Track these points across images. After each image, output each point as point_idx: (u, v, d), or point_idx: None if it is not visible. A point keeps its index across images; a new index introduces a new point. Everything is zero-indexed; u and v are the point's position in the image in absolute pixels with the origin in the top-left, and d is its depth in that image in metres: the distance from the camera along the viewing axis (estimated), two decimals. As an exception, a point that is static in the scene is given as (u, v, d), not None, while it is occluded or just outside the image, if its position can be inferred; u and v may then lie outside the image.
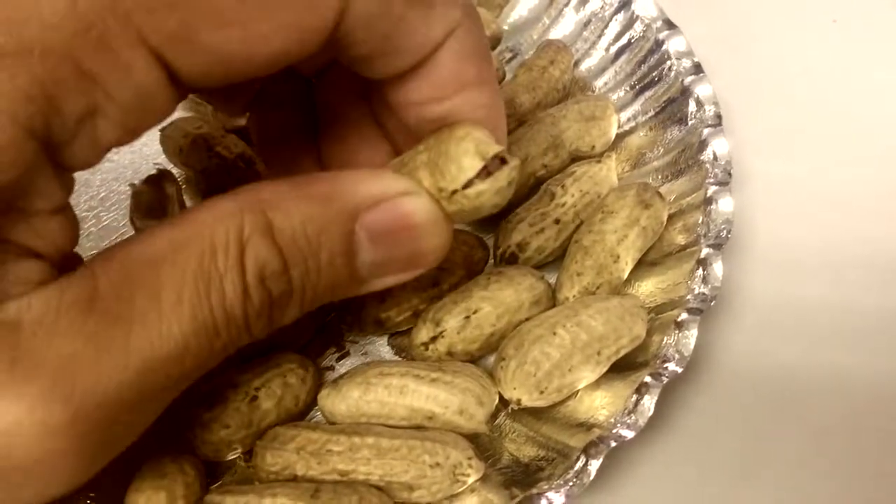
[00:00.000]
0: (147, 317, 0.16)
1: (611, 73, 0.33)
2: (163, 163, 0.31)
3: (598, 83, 0.33)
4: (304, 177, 0.19)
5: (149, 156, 0.32)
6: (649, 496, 0.25)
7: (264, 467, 0.23)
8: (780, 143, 0.33)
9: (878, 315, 0.28)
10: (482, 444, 0.24)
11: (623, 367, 0.24)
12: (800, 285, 0.29)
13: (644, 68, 0.32)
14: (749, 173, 0.31)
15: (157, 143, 0.30)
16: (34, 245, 0.15)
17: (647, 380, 0.23)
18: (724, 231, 0.26)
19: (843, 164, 0.32)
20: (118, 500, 0.22)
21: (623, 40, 0.33)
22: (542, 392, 0.23)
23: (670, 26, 0.31)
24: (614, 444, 0.22)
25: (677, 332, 0.24)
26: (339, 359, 0.27)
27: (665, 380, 0.23)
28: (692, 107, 0.29)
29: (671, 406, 0.26)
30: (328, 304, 0.26)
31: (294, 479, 0.22)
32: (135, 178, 0.29)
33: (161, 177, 0.28)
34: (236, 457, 0.24)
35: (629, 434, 0.22)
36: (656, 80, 0.31)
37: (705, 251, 0.25)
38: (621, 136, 0.31)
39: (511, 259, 0.27)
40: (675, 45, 0.31)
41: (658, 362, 0.23)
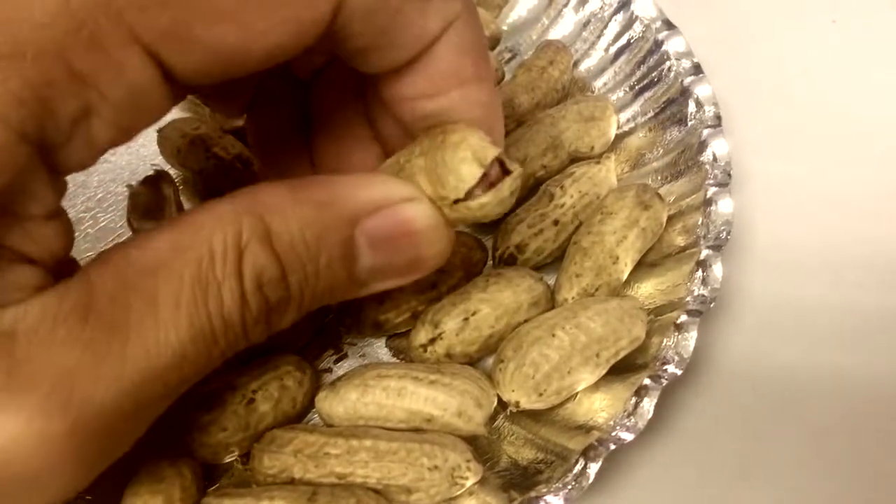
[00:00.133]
0: (144, 324, 0.16)
1: (610, 73, 0.33)
2: (160, 164, 0.30)
3: (598, 84, 0.33)
4: (302, 180, 0.19)
5: (146, 157, 0.32)
6: (649, 498, 0.25)
7: (262, 470, 0.23)
8: (779, 143, 0.33)
9: (877, 315, 0.28)
10: (481, 447, 0.24)
11: (622, 369, 0.24)
12: (799, 286, 0.29)
13: (643, 69, 0.32)
14: (749, 174, 0.31)
15: (155, 144, 0.30)
16: (28, 251, 0.15)
17: (647, 382, 0.23)
18: (724, 232, 0.26)
19: (842, 164, 0.32)
20: (115, 503, 0.22)
21: (622, 41, 0.33)
22: (540, 394, 0.23)
23: (670, 27, 0.31)
24: (613, 446, 0.22)
25: (677, 333, 0.24)
26: (337, 361, 0.27)
27: (664, 382, 0.23)
28: (692, 107, 0.29)
29: (670, 408, 0.26)
30: (326, 306, 0.27)
31: (291, 481, 0.22)
32: (132, 180, 0.29)
33: (158, 178, 0.28)
34: (233, 460, 0.24)
35: (628, 436, 0.22)
36: (656, 80, 0.31)
37: (705, 252, 0.25)
38: (620, 137, 0.31)
39: (510, 260, 0.27)
40: (674, 46, 0.31)
41: (657, 364, 0.23)
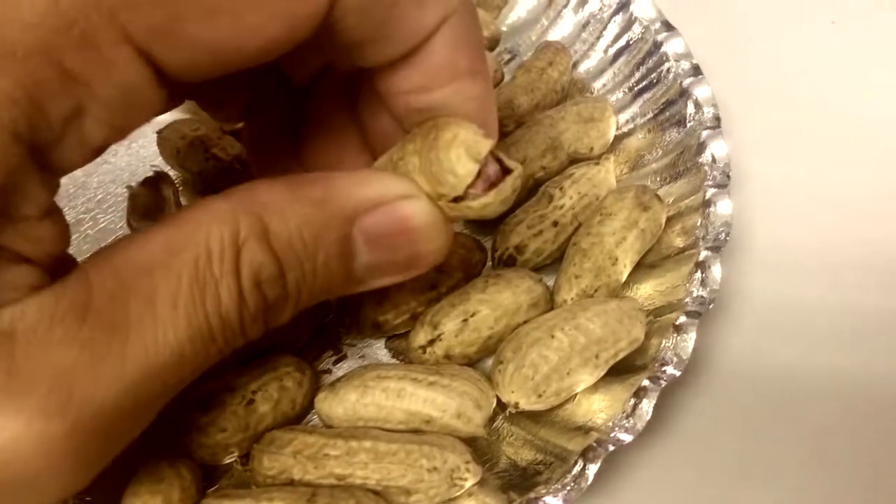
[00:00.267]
0: (142, 323, 0.16)
1: (609, 74, 0.33)
2: (160, 165, 0.31)
3: (597, 85, 0.33)
4: (299, 177, 0.19)
5: (146, 158, 0.32)
6: (648, 499, 0.25)
7: (261, 471, 0.23)
8: (778, 144, 0.33)
9: (876, 316, 0.28)
10: (480, 448, 0.24)
11: (621, 370, 0.24)
12: (798, 287, 0.29)
13: (642, 70, 0.32)
14: (748, 175, 0.31)
15: (154, 146, 0.30)
16: (23, 250, 0.15)
17: (646, 383, 0.23)
18: (723, 233, 0.26)
19: (841, 165, 0.32)
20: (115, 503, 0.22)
21: (621, 42, 0.33)
22: (540, 395, 0.23)
23: (669, 28, 0.31)
24: (612, 447, 0.22)
25: (676, 335, 0.24)
26: (337, 362, 0.27)
27: (663, 383, 0.23)
28: (691, 109, 0.29)
29: (670, 409, 0.26)
30: (326, 307, 0.27)
31: (291, 483, 0.22)
32: (132, 181, 0.29)
33: (158, 179, 0.28)
34: (233, 460, 0.24)
35: (627, 438, 0.22)
36: (655, 81, 0.31)
37: (704, 253, 0.25)
38: (620, 138, 0.31)
39: (509, 261, 0.27)
40: (673, 47, 0.31)
41: (656, 365, 0.23)
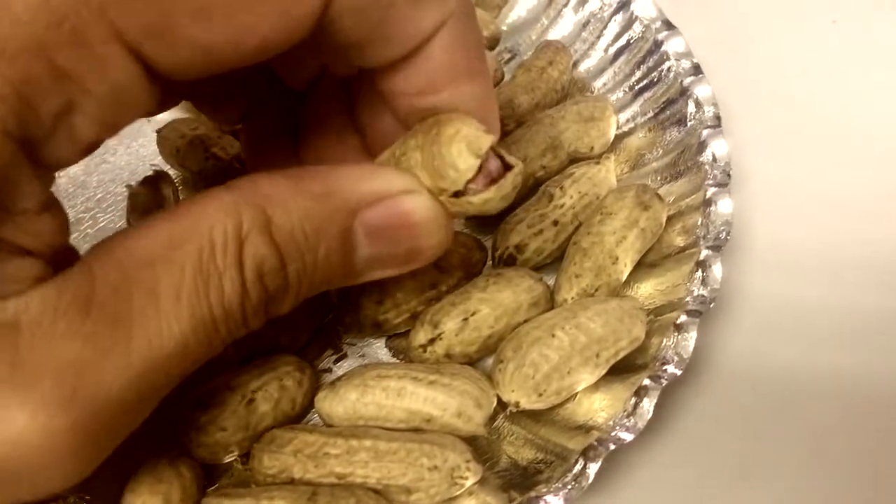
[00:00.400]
0: (146, 316, 0.16)
1: (609, 73, 0.33)
2: (159, 164, 0.31)
3: (597, 84, 0.33)
4: (302, 170, 0.19)
5: (145, 157, 0.32)
6: (648, 498, 0.25)
7: (261, 470, 0.23)
8: (779, 144, 0.33)
9: (877, 316, 0.28)
10: (480, 447, 0.24)
11: (622, 369, 0.24)
12: (799, 287, 0.29)
13: (643, 69, 0.32)
14: (748, 174, 0.31)
15: (154, 145, 0.30)
16: (24, 243, 0.15)
17: (646, 382, 0.22)
18: (724, 232, 0.26)
19: (842, 165, 0.32)
20: (115, 503, 0.22)
21: (622, 41, 0.32)
22: (540, 394, 0.23)
23: (669, 27, 0.31)
24: (613, 446, 0.21)
25: (676, 334, 0.24)
26: (337, 361, 0.27)
27: (664, 382, 0.23)
28: (691, 108, 0.29)
29: (670, 408, 0.26)
30: (326, 306, 0.27)
31: (291, 482, 0.22)
32: (131, 180, 0.29)
33: (158, 178, 0.28)
34: (233, 460, 0.24)
35: (628, 437, 0.22)
36: (655, 80, 0.31)
37: (704, 253, 0.25)
38: (620, 138, 0.31)
39: (509, 261, 0.27)
40: (674, 46, 0.31)
41: (657, 364, 0.23)
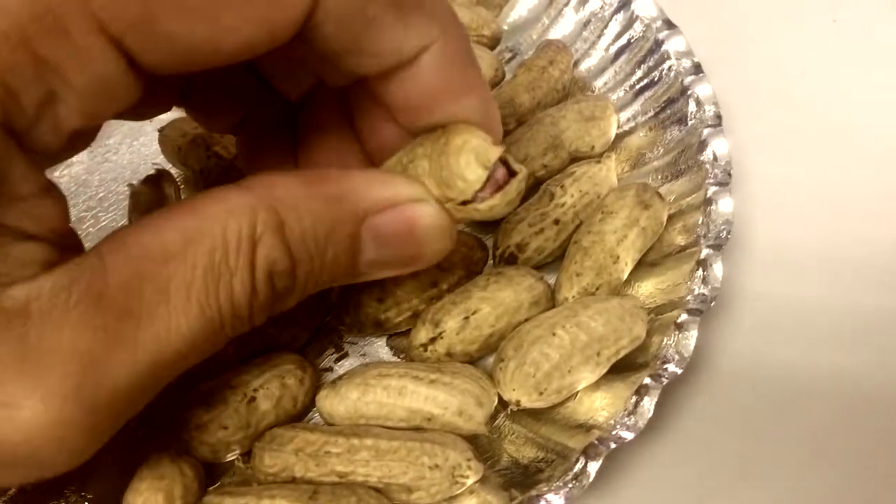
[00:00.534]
0: (156, 313, 0.16)
1: (610, 73, 0.33)
2: (161, 163, 0.31)
3: (598, 83, 0.33)
4: (314, 173, 0.19)
5: (147, 156, 0.32)
6: (649, 497, 0.25)
7: (262, 469, 0.23)
8: (779, 143, 0.33)
9: (877, 316, 0.28)
10: (481, 446, 0.24)
11: (623, 368, 0.24)
12: (799, 286, 0.29)
13: (644, 68, 0.32)
14: (749, 174, 0.31)
15: (156, 143, 0.30)
16: (27, 227, 0.15)
17: (647, 381, 0.23)
18: (724, 232, 0.26)
19: (842, 165, 0.32)
20: (116, 501, 0.22)
21: (623, 40, 0.33)
22: (541, 393, 0.23)
23: (670, 26, 0.31)
24: (614, 445, 0.22)
25: (677, 332, 0.24)
26: (338, 360, 0.27)
27: (665, 381, 0.23)
28: (692, 107, 0.29)
29: (670, 407, 0.26)
30: (326, 306, 0.27)
31: (292, 480, 0.22)
32: (133, 179, 0.29)
33: (159, 177, 0.28)
34: (235, 458, 0.24)
35: (629, 435, 0.22)
36: (656, 80, 0.31)
37: (705, 252, 0.25)
38: (621, 137, 0.31)
39: (510, 259, 0.27)
40: (674, 45, 0.31)
41: (658, 363, 0.23)
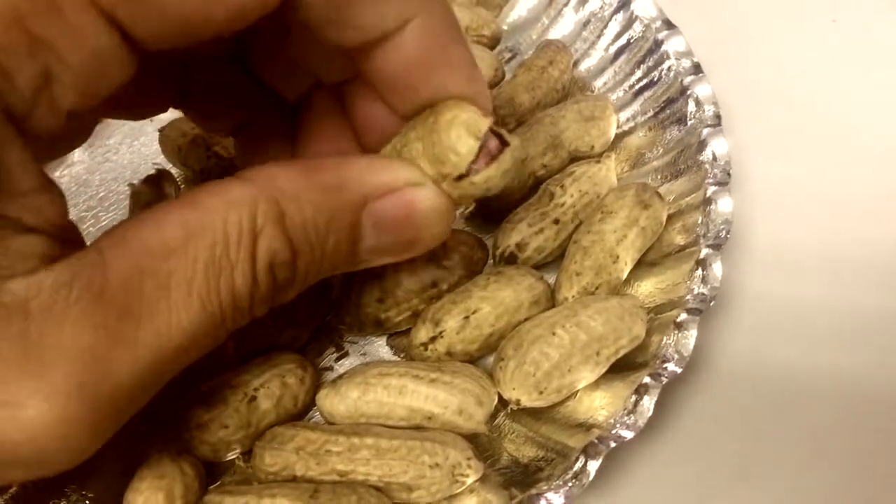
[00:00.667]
0: (157, 309, 0.16)
1: (610, 73, 0.33)
2: (161, 163, 0.31)
3: (598, 83, 0.33)
4: (313, 162, 0.19)
5: (147, 156, 0.32)
6: (648, 496, 0.25)
7: (263, 468, 0.23)
8: (779, 143, 0.33)
9: (876, 316, 0.28)
10: (481, 445, 0.24)
11: (622, 367, 0.24)
12: (799, 286, 0.29)
13: (643, 68, 0.32)
14: (748, 174, 0.31)
15: (156, 143, 0.30)
16: (26, 219, 0.15)
17: (647, 380, 0.23)
18: (724, 231, 0.26)
19: (842, 165, 0.32)
20: (117, 500, 0.22)
21: (622, 40, 0.33)
22: (541, 392, 0.23)
23: (669, 26, 0.31)
24: (613, 444, 0.22)
25: (677, 332, 0.24)
26: (338, 359, 0.27)
27: (664, 380, 0.23)
28: (691, 107, 0.29)
29: (670, 406, 0.26)
30: (327, 305, 0.27)
31: (293, 479, 0.22)
32: (134, 178, 0.29)
33: (160, 177, 0.28)
34: (235, 457, 0.24)
35: (628, 434, 0.22)
36: (655, 80, 0.31)
37: (704, 251, 0.25)
38: (620, 137, 0.31)
39: (510, 259, 0.27)
40: (674, 46, 0.31)
41: (657, 363, 0.23)
